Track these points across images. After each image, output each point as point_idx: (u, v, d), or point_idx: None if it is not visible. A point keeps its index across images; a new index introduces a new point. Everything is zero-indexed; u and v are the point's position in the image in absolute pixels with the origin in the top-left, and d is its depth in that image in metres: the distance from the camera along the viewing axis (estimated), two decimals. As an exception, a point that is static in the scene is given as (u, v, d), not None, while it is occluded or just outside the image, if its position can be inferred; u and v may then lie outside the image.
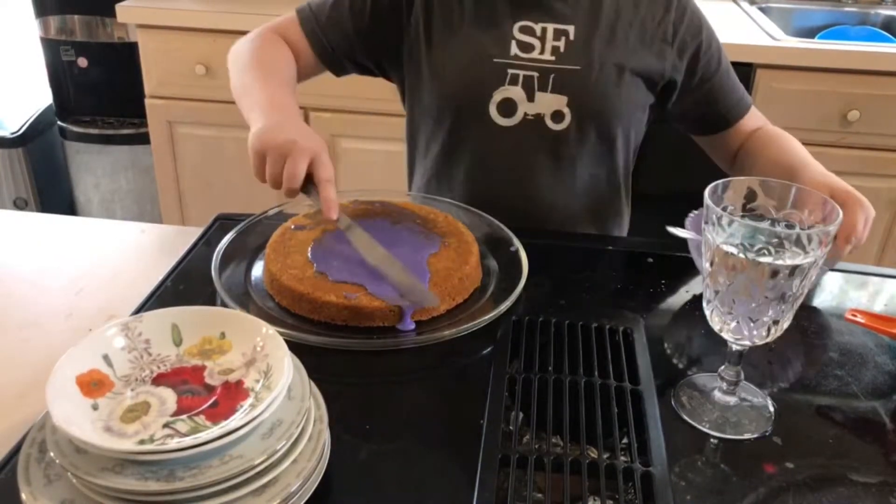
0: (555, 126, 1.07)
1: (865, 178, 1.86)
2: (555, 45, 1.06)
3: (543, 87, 1.06)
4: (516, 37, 1.06)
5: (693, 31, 1.09)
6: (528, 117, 1.07)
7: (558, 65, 1.06)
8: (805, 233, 0.62)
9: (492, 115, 1.07)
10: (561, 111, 1.06)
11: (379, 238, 0.89)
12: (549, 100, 1.06)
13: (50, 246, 1.02)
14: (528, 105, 1.07)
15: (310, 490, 0.58)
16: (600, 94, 1.06)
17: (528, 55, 1.06)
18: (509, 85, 1.06)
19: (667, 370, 0.78)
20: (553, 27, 1.06)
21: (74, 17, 2.24)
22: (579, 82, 1.06)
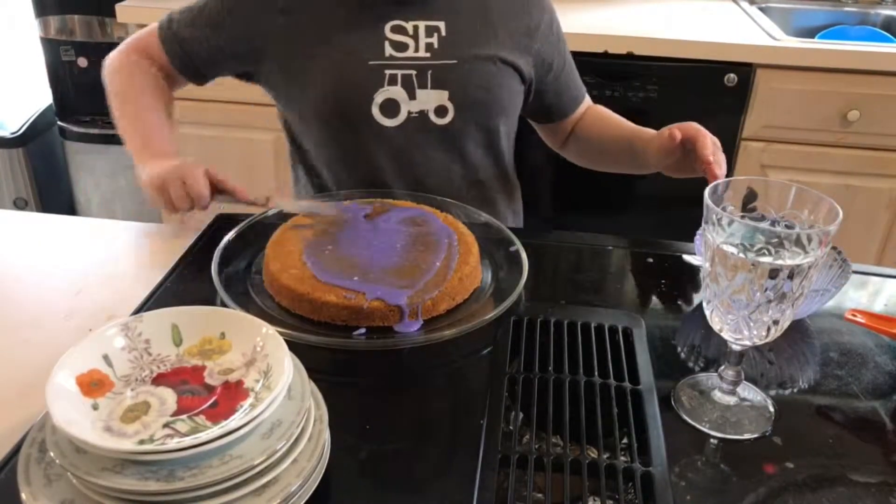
0: (439, 121, 1.09)
1: (865, 178, 1.86)
2: (428, 42, 1.07)
3: (423, 83, 1.07)
4: (389, 37, 1.06)
5: (548, 24, 1.15)
6: (412, 115, 1.08)
7: (434, 60, 1.07)
8: (805, 233, 0.62)
9: (375, 117, 1.08)
10: (444, 105, 1.08)
11: (378, 236, 0.89)
12: (430, 96, 1.08)
13: (50, 246, 1.02)
14: (410, 103, 1.08)
15: (310, 490, 0.58)
16: (479, 85, 1.09)
17: (403, 54, 1.07)
18: (389, 85, 1.07)
19: (667, 370, 0.78)
20: (424, 24, 1.07)
21: (74, 17, 2.23)
22: (457, 76, 1.08)
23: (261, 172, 2.07)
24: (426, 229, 0.94)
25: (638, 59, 1.81)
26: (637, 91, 1.84)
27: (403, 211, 0.99)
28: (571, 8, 2.05)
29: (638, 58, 1.81)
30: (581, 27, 1.85)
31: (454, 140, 1.11)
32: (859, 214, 1.88)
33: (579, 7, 2.07)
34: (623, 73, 1.83)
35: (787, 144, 1.86)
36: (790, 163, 1.87)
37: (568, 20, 1.93)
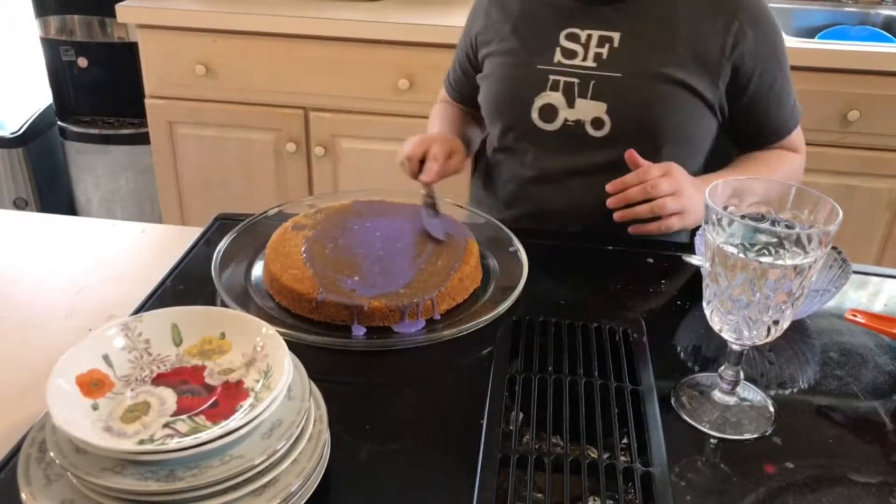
0: (595, 133, 1.07)
1: (865, 178, 1.86)
2: (598, 52, 1.06)
3: (583, 93, 1.06)
4: (561, 44, 1.08)
5: (750, 51, 1.05)
6: (568, 123, 1.08)
7: (599, 71, 1.06)
8: (805, 233, 0.62)
9: (534, 120, 1.09)
10: (600, 118, 1.06)
11: (384, 235, 0.89)
12: (588, 106, 1.06)
13: (50, 246, 1.02)
14: (568, 111, 1.07)
15: (310, 490, 0.58)
16: (640, 102, 1.04)
17: (570, 61, 1.07)
18: (550, 91, 1.07)
19: (667, 370, 0.78)
20: (598, 34, 1.06)
21: (74, 17, 2.23)
22: (619, 90, 1.05)
23: (261, 172, 2.07)
24: (426, 229, 0.94)
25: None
26: (637, 91, 1.84)
27: (403, 210, 0.99)
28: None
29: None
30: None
31: (610, 155, 1.06)
32: (859, 214, 1.88)
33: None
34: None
35: (787, 144, 1.85)
36: (790, 163, 1.87)
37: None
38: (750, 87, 1.07)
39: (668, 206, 0.94)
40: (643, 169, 0.96)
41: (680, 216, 0.96)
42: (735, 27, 1.04)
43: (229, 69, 1.97)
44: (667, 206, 0.94)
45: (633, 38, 1.05)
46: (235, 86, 1.99)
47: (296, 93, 1.96)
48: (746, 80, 1.06)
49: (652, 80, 1.04)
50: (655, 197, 0.94)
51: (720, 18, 1.04)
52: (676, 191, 0.95)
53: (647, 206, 0.94)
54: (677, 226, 0.96)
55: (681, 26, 1.04)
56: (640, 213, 0.95)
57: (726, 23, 1.04)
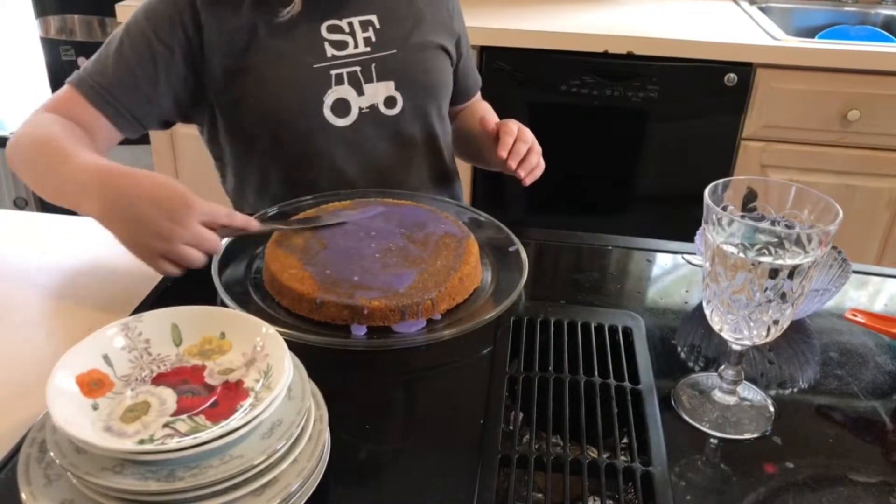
0: (390, 112, 1.11)
1: (865, 178, 1.86)
2: (365, 36, 1.09)
3: (369, 77, 1.08)
4: (327, 37, 1.07)
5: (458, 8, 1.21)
6: (363, 111, 1.09)
7: (375, 53, 1.09)
8: (805, 233, 0.62)
9: (328, 119, 1.07)
10: (392, 96, 1.10)
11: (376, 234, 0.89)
12: (378, 88, 1.09)
13: (50, 246, 1.02)
14: (359, 99, 1.09)
15: (310, 490, 0.58)
16: (423, 69, 1.12)
17: (343, 52, 1.07)
18: (336, 86, 1.07)
19: (667, 370, 0.78)
20: (358, 20, 1.09)
21: (74, 17, 2.24)
22: (399, 64, 1.10)
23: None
24: (426, 229, 0.94)
25: (638, 59, 1.81)
26: (637, 91, 1.85)
27: (403, 210, 0.99)
28: (571, 8, 2.05)
29: (638, 58, 1.81)
30: (581, 27, 1.85)
31: (407, 128, 1.13)
32: (859, 214, 1.88)
33: (579, 7, 2.07)
34: (623, 73, 1.83)
35: (787, 144, 1.86)
36: (790, 163, 1.87)
37: (568, 20, 1.93)
38: (463, 46, 1.22)
39: (537, 146, 1.07)
40: (507, 128, 1.05)
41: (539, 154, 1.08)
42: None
43: (229, 69, 1.97)
44: (538, 147, 1.07)
45: (389, 16, 1.11)
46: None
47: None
48: (463, 39, 1.22)
49: (422, 49, 1.12)
50: (531, 144, 1.05)
51: None
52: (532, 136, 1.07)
53: (534, 153, 1.06)
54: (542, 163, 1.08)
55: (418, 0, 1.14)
56: (532, 162, 1.05)
57: None
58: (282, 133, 1.08)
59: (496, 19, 1.87)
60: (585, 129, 1.93)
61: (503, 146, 1.02)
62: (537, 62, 1.85)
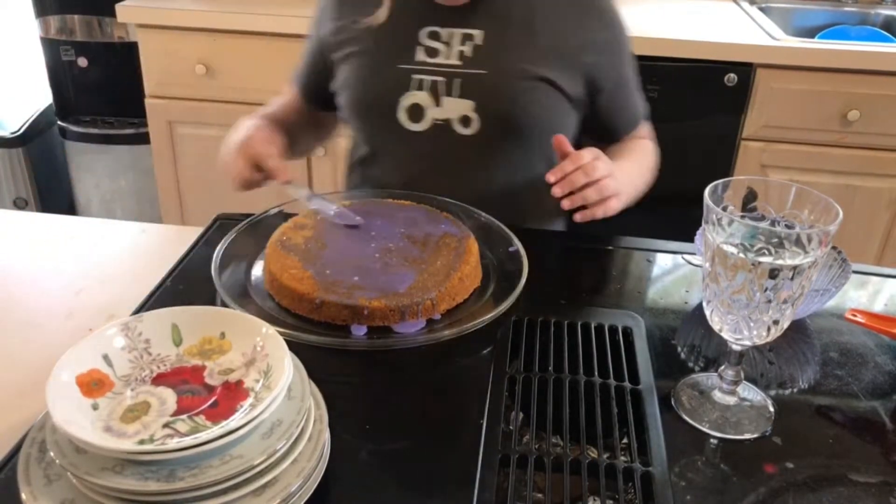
0: (463, 130, 1.07)
1: (865, 178, 1.86)
2: (461, 50, 1.05)
3: (449, 91, 1.06)
4: (423, 42, 1.06)
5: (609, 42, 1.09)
6: (436, 122, 1.07)
7: (464, 69, 1.05)
8: (805, 233, 0.62)
9: (401, 121, 1.07)
10: (468, 116, 1.06)
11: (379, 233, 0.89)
12: (455, 104, 1.06)
13: (50, 246, 1.02)
14: (435, 110, 1.06)
15: (310, 490, 0.58)
16: (507, 98, 1.05)
17: (433, 60, 1.06)
18: (415, 90, 1.06)
19: (667, 370, 0.78)
20: (460, 32, 1.06)
21: (74, 17, 2.23)
22: (485, 87, 1.05)
23: (261, 172, 2.07)
24: (426, 229, 0.94)
25: (638, 59, 1.81)
26: (637, 91, 1.84)
27: (404, 210, 0.99)
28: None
29: (638, 57, 1.81)
30: (581, 27, 1.85)
31: (480, 152, 1.08)
32: (859, 214, 1.88)
33: (579, 7, 2.06)
34: (623, 73, 1.83)
35: (787, 144, 1.86)
36: (790, 163, 1.87)
37: (568, 20, 1.93)
38: (606, 82, 1.10)
39: (609, 187, 0.95)
40: (576, 155, 0.96)
41: (617, 197, 0.97)
42: (593, 24, 1.08)
43: (229, 69, 1.97)
44: (608, 187, 0.95)
45: (495, 35, 1.05)
46: (235, 86, 1.99)
47: (296, 93, 1.96)
48: (603, 74, 1.10)
49: (516, 77, 1.05)
50: (596, 179, 0.94)
51: (577, 14, 1.07)
52: (611, 172, 0.97)
53: (592, 188, 0.94)
54: (616, 207, 0.97)
55: (540, 23, 1.06)
56: (587, 196, 0.94)
57: (583, 19, 1.07)
58: (360, 123, 1.13)
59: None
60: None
61: (557, 171, 0.94)
62: (537, 62, 1.85)
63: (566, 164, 0.94)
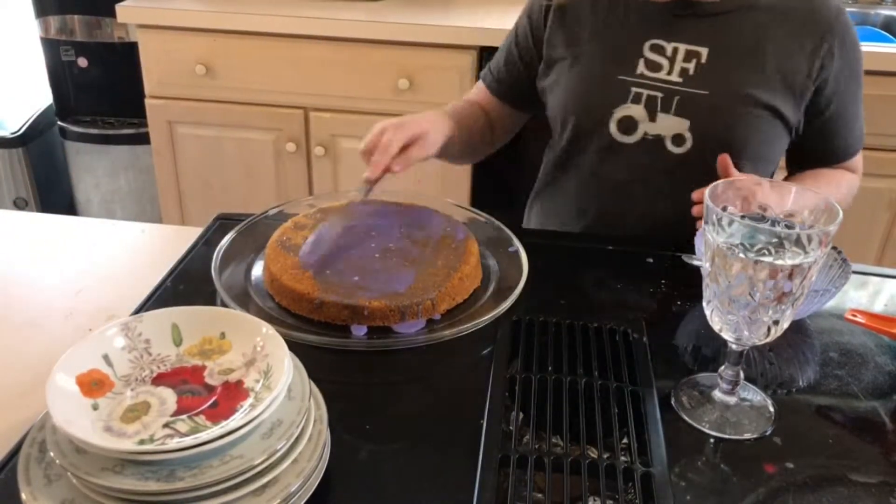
0: (675, 149, 1.04)
1: (865, 178, 1.84)
2: (684, 67, 1.03)
3: (666, 108, 1.03)
4: (645, 55, 1.04)
5: (835, 74, 1.03)
6: (647, 137, 1.05)
7: (685, 87, 1.02)
8: (805, 233, 0.62)
9: (611, 131, 1.06)
10: (682, 135, 1.03)
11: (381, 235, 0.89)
12: (670, 122, 1.03)
13: (50, 246, 1.02)
14: (648, 125, 1.04)
15: (310, 490, 0.58)
16: (725, 122, 1.02)
17: (654, 74, 1.03)
18: (632, 103, 1.04)
19: (667, 370, 0.78)
20: (685, 48, 1.03)
21: (74, 17, 2.23)
22: (705, 107, 1.02)
23: (260, 172, 2.07)
24: (426, 229, 0.94)
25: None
26: (637, 91, 1.84)
27: (404, 210, 0.99)
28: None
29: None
30: (581, 27, 1.85)
31: (685, 172, 1.04)
32: (859, 214, 1.88)
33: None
34: (623, 73, 1.83)
35: (787, 144, 1.85)
36: (790, 163, 1.87)
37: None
38: (829, 109, 1.06)
39: None
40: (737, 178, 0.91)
41: None
42: (824, 50, 1.02)
43: (229, 69, 1.97)
44: None
45: (721, 55, 1.02)
46: (235, 86, 1.99)
47: (296, 93, 1.96)
48: (827, 102, 1.05)
49: (739, 101, 1.01)
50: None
51: (810, 40, 1.01)
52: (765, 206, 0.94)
53: None
54: None
55: (770, 46, 1.01)
56: None
57: (816, 45, 1.01)
58: (567, 127, 1.10)
59: (496, 19, 1.87)
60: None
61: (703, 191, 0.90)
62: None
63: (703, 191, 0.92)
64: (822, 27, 1.01)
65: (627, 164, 1.07)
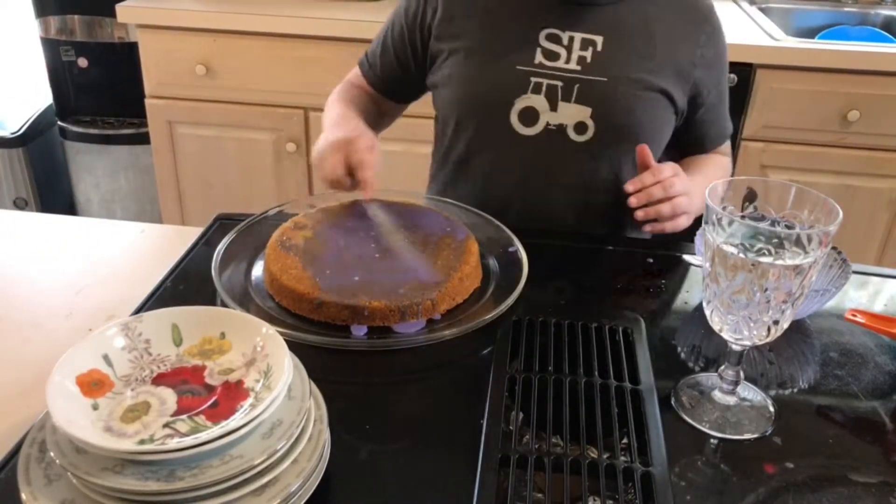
0: (577, 137, 1.05)
1: (865, 178, 1.86)
2: (581, 55, 1.03)
3: (567, 97, 1.04)
4: (542, 45, 1.04)
5: (711, 62, 1.09)
6: (549, 127, 1.05)
7: (584, 75, 1.03)
8: (805, 233, 0.62)
9: (512, 123, 1.05)
10: (584, 122, 1.04)
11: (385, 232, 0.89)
12: (572, 110, 1.04)
13: (50, 246, 1.02)
14: (550, 115, 1.04)
15: (310, 490, 0.58)
16: (626, 108, 1.04)
17: (553, 63, 1.04)
18: (532, 93, 1.04)
19: (667, 370, 0.78)
20: (581, 36, 1.04)
21: (74, 17, 2.23)
22: (605, 95, 1.03)
23: (260, 172, 2.08)
24: (427, 229, 0.94)
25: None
26: (637, 91, 1.84)
27: (404, 210, 0.99)
28: (571, 8, 2.05)
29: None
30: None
31: (588, 159, 1.07)
32: (859, 214, 1.88)
33: (579, 7, 2.06)
34: (623, 73, 1.83)
35: (787, 144, 1.86)
36: (790, 163, 1.87)
37: (568, 20, 1.93)
38: (709, 96, 1.11)
39: (682, 205, 0.97)
40: (656, 168, 0.97)
41: (688, 216, 0.99)
42: (703, 39, 1.07)
43: (229, 69, 1.97)
44: (681, 205, 0.97)
45: (616, 42, 1.04)
46: (235, 86, 1.99)
47: (296, 93, 1.96)
48: (707, 89, 1.10)
49: (636, 87, 1.04)
50: (672, 196, 0.96)
51: (692, 29, 1.07)
52: (687, 191, 0.98)
53: (667, 204, 0.96)
54: (684, 225, 0.99)
55: (658, 34, 1.05)
56: (661, 211, 0.96)
57: (697, 34, 1.07)
58: (465, 122, 1.10)
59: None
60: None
61: (636, 182, 0.96)
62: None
63: (646, 176, 0.96)
64: (700, 17, 1.08)
65: (531, 156, 1.07)
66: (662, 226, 0.98)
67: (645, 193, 0.96)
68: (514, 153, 1.08)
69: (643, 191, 0.96)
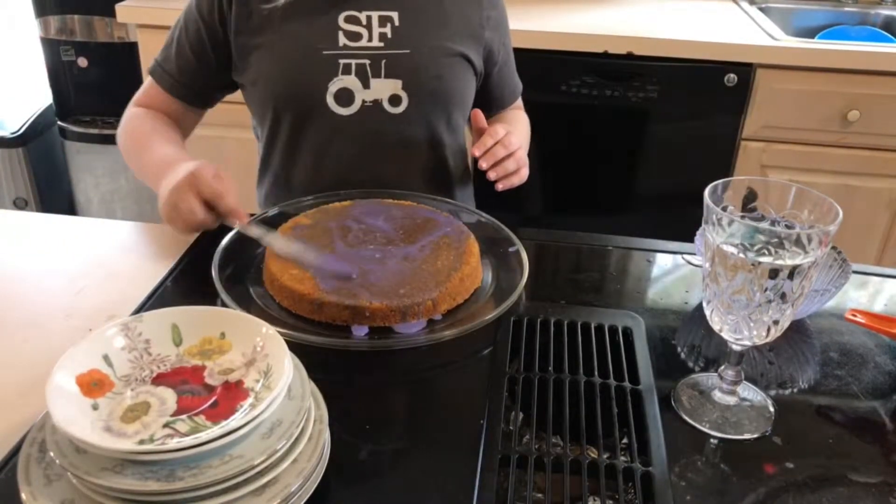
0: (393, 109, 1.10)
1: (865, 178, 1.86)
2: (381, 32, 1.08)
3: (377, 73, 1.08)
4: (342, 27, 1.07)
5: (497, 18, 1.17)
6: (366, 104, 1.09)
7: (388, 50, 1.08)
8: (805, 233, 0.62)
9: (330, 107, 1.09)
10: (398, 95, 1.09)
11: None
12: (384, 85, 1.09)
13: (50, 246, 1.02)
14: (364, 92, 1.08)
15: (310, 490, 0.58)
16: (433, 75, 1.10)
17: (356, 43, 1.07)
18: (343, 75, 1.07)
19: (667, 370, 0.78)
20: (377, 14, 1.08)
21: (74, 17, 2.23)
22: (411, 65, 1.09)
23: (261, 172, 2.07)
24: (426, 229, 0.94)
25: (638, 59, 1.81)
26: (637, 91, 1.84)
27: (404, 210, 0.99)
28: (571, 8, 2.05)
29: (638, 58, 1.81)
30: (581, 27, 1.85)
31: (408, 129, 1.12)
32: (859, 214, 1.88)
33: (579, 7, 2.07)
34: (623, 73, 1.83)
35: (787, 144, 1.86)
36: (790, 163, 1.87)
37: (568, 20, 1.93)
38: (499, 55, 1.19)
39: (522, 157, 1.06)
40: (492, 129, 1.03)
41: (526, 166, 1.08)
42: (485, 1, 1.15)
43: (229, 69, 1.97)
44: (522, 158, 1.06)
45: (411, 15, 1.09)
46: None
47: (296, 93, 1.96)
48: (496, 49, 1.18)
49: (438, 54, 1.10)
50: (513, 151, 1.03)
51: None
52: (521, 144, 1.07)
53: (511, 159, 1.03)
54: (525, 175, 1.08)
55: (447, 2, 1.12)
56: (508, 167, 1.03)
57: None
58: (284, 114, 1.12)
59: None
60: (585, 130, 1.93)
61: (480, 145, 1.02)
62: (537, 62, 1.85)
63: (486, 138, 1.02)
64: None
65: (353, 135, 1.11)
66: (510, 180, 1.04)
67: (490, 154, 1.01)
68: (336, 135, 1.11)
69: (489, 153, 1.01)
